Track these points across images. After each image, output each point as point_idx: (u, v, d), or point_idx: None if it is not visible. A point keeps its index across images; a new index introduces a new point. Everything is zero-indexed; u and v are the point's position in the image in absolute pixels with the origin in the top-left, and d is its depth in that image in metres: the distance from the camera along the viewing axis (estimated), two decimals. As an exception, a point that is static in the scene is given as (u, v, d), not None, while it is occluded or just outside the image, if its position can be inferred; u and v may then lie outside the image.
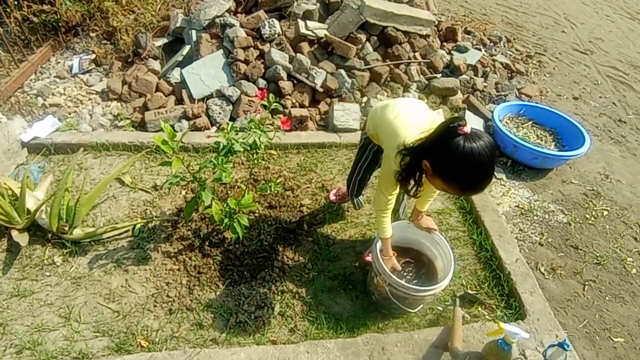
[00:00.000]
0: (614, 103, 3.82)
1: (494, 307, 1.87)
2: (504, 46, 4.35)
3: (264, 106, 1.72)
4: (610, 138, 3.37)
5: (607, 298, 2.11)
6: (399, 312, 1.74)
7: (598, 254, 2.32)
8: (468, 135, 1.16)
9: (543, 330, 1.71)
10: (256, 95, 1.86)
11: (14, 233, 1.94)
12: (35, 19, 3.03)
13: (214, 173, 2.37)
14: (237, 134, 1.67)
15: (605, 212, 2.62)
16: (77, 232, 2.00)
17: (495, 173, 2.76)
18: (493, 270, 2.02)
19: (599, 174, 2.94)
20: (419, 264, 1.84)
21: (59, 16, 3.13)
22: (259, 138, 1.71)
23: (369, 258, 1.97)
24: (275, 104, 1.74)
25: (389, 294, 1.64)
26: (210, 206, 1.81)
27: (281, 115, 2.23)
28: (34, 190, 2.13)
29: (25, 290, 1.79)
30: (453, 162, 1.19)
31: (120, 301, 1.80)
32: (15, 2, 2.93)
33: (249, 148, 1.72)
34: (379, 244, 1.70)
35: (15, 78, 2.83)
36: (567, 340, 1.50)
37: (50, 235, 1.99)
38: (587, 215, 2.58)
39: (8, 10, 2.91)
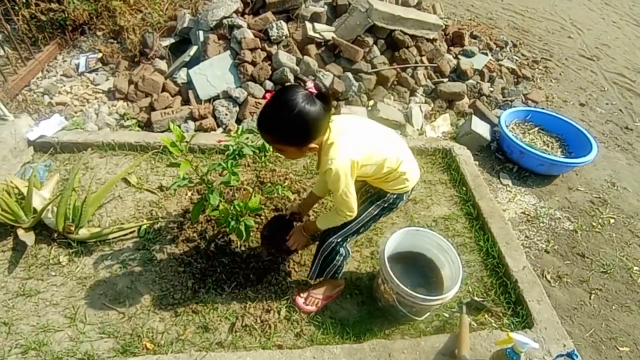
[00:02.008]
0: (620, 110, 3.81)
1: (501, 314, 1.86)
2: (510, 51, 4.35)
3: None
4: (616, 145, 3.35)
5: (613, 307, 2.10)
6: (405, 319, 1.73)
7: (604, 263, 2.31)
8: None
9: (551, 339, 1.70)
10: (265, 98, 1.86)
11: (20, 232, 1.93)
12: (43, 17, 3.03)
13: (220, 175, 2.38)
14: (247, 138, 1.67)
15: (612, 220, 2.61)
16: (83, 232, 1.99)
17: (501, 179, 2.79)
18: (500, 277, 2.01)
19: (605, 182, 2.93)
20: (426, 271, 1.83)
21: (66, 15, 3.13)
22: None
23: (302, 305, 1.80)
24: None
25: (395, 302, 1.63)
26: (217, 209, 1.81)
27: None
28: (40, 189, 2.12)
29: (30, 290, 1.79)
30: None
31: (126, 302, 1.79)
32: (24, 0, 2.93)
33: (257, 151, 1.72)
34: (386, 250, 1.69)
35: (23, 76, 2.83)
36: (575, 350, 1.49)
37: (56, 235, 1.99)
38: (594, 223, 2.57)
39: (16, 8, 2.91)
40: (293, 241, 1.80)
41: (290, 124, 1.25)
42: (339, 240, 1.63)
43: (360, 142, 1.40)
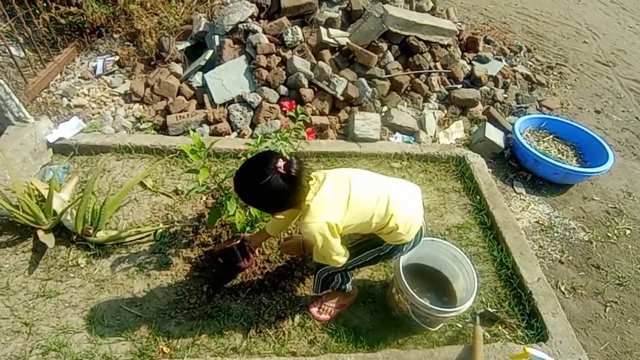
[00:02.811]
0: (637, 117, 3.75)
1: (515, 326, 1.85)
2: (525, 56, 4.31)
3: (292, 118, 1.73)
4: (633, 154, 3.31)
5: (628, 320, 2.08)
6: (419, 328, 1.74)
7: (620, 275, 2.29)
8: None
9: (566, 353, 1.69)
10: (283, 107, 1.88)
11: (40, 233, 1.97)
12: (63, 21, 3.09)
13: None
14: (267, 147, 1.69)
15: (628, 231, 2.58)
16: (101, 235, 2.03)
17: (514, 187, 2.77)
18: (514, 288, 2.00)
19: (621, 191, 2.89)
20: (440, 282, 1.83)
21: (84, 18, 3.18)
22: (284, 148, 1.73)
23: (316, 314, 1.81)
24: (302, 115, 1.75)
25: (410, 312, 1.63)
26: (233, 214, 1.83)
27: (302, 123, 2.23)
28: (59, 192, 2.16)
29: (50, 291, 1.83)
30: None
31: (142, 306, 1.82)
32: (44, 4, 2.99)
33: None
34: (401, 260, 1.70)
35: (42, 78, 2.88)
36: (591, 365, 1.48)
37: (74, 237, 2.03)
38: (609, 234, 2.54)
39: (37, 11, 2.96)
40: (285, 245, 1.87)
41: (253, 197, 1.33)
42: (329, 272, 1.64)
43: (340, 203, 1.35)
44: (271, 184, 1.23)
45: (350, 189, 1.36)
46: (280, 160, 1.26)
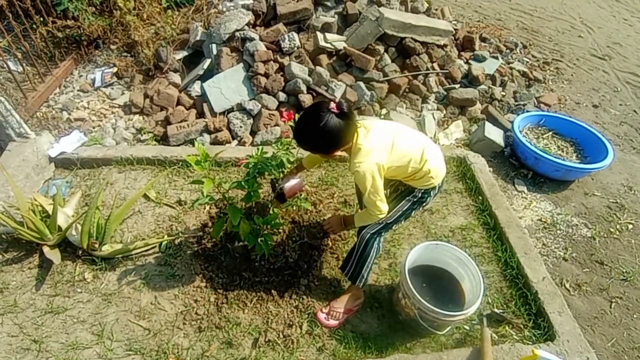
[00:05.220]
0: (635, 111, 3.77)
1: (522, 326, 1.86)
2: (521, 52, 4.32)
3: (292, 127, 1.74)
4: (632, 148, 3.32)
5: (635, 316, 2.09)
6: (427, 332, 1.74)
7: (624, 270, 2.30)
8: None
9: (573, 352, 1.70)
10: (282, 117, 1.88)
11: (46, 249, 1.98)
12: (60, 34, 3.09)
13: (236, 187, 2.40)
14: (268, 159, 1.69)
15: (630, 226, 2.59)
16: (107, 249, 2.03)
17: (516, 185, 2.78)
18: (519, 288, 2.01)
19: (622, 186, 2.90)
20: (447, 284, 1.84)
21: (81, 30, 3.19)
22: (286, 159, 1.74)
23: (324, 321, 1.83)
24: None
25: (417, 317, 1.64)
26: (237, 225, 1.83)
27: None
28: (63, 207, 2.17)
29: (58, 307, 1.83)
30: None
31: (150, 318, 1.82)
32: (41, 19, 2.99)
33: (277, 168, 1.74)
34: (406, 264, 1.70)
35: (41, 92, 2.89)
36: (600, 364, 1.49)
37: (80, 252, 2.03)
38: (612, 229, 2.55)
39: (34, 26, 2.97)
40: (329, 225, 2.05)
41: (315, 140, 1.50)
42: (372, 232, 1.73)
43: (386, 147, 1.55)
44: (329, 124, 1.42)
45: (394, 138, 1.58)
46: (332, 102, 1.45)
